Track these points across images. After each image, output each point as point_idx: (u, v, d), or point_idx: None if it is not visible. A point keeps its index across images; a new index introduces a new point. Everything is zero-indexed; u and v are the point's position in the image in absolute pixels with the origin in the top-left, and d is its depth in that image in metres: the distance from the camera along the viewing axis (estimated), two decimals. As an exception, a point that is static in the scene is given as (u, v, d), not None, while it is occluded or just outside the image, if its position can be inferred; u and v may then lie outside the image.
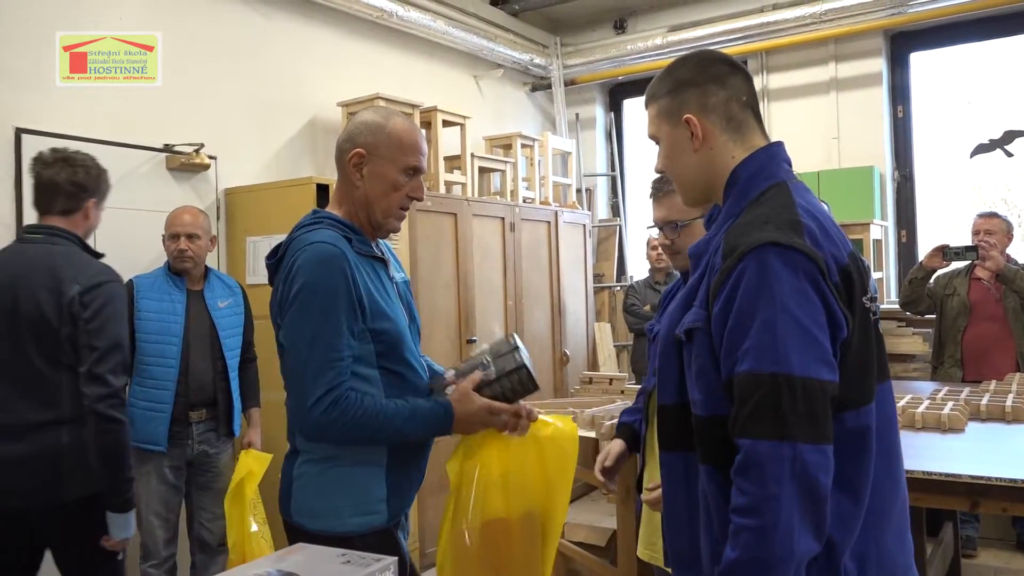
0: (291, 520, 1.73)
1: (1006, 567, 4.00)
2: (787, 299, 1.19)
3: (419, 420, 1.70)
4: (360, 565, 0.96)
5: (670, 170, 1.46)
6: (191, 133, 3.78)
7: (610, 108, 6.51)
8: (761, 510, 1.15)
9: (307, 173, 4.28)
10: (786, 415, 1.15)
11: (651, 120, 1.46)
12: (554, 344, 5.31)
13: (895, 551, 1.29)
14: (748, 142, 1.39)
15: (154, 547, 3.08)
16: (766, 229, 1.24)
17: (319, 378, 1.61)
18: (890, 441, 1.31)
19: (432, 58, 5.33)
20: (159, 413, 3.04)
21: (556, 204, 5.52)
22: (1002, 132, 5.05)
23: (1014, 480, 2.07)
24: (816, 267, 1.21)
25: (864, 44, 5.30)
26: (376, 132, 1.74)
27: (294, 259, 1.66)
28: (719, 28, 5.47)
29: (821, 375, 1.17)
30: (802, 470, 1.14)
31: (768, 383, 1.17)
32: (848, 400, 1.22)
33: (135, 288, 3.10)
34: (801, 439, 1.15)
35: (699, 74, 1.39)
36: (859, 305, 1.25)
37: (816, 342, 1.18)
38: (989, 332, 3.98)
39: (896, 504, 1.32)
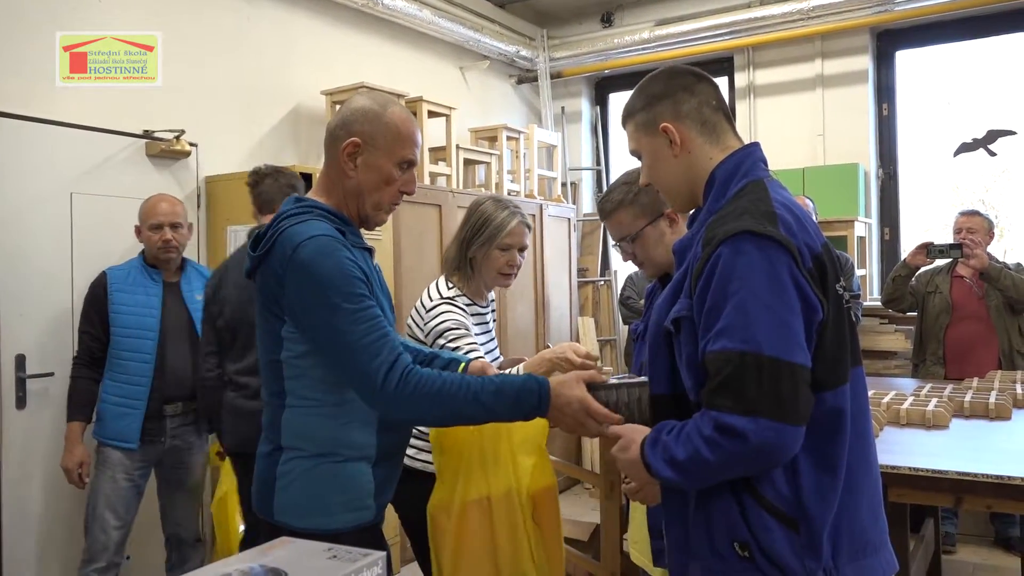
0: (273, 519, 1.66)
1: (984, 563, 4.03)
2: (759, 284, 1.27)
3: (509, 395, 1.56)
4: (347, 560, 0.93)
5: (655, 180, 1.54)
6: (172, 119, 3.72)
7: (596, 102, 6.49)
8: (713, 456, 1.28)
9: (290, 162, 4.22)
10: (750, 392, 1.24)
11: (630, 136, 1.55)
12: (538, 338, 5.29)
13: (868, 526, 1.37)
14: (723, 143, 1.48)
15: (103, 549, 2.94)
16: (743, 219, 1.32)
17: (377, 356, 1.52)
18: (862, 423, 1.39)
19: (418, 48, 5.28)
20: (132, 410, 2.96)
21: (541, 198, 5.50)
22: (985, 131, 5.08)
23: (999, 477, 2.08)
24: (790, 254, 1.29)
25: (850, 41, 5.31)
26: (373, 121, 1.65)
27: (293, 254, 1.55)
28: (706, 23, 5.45)
29: (791, 356, 1.25)
30: (761, 443, 1.23)
31: (737, 360, 1.25)
32: (826, 381, 1.31)
33: (108, 280, 3.01)
34: (764, 415, 1.23)
35: (669, 86, 1.50)
36: (832, 291, 1.34)
37: (786, 325, 1.26)
38: (971, 330, 4.00)
39: (868, 482, 1.39)
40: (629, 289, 5.14)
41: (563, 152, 6.10)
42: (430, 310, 2.32)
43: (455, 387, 1.55)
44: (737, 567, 1.32)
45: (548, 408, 1.57)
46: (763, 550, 1.30)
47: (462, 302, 2.34)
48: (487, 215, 2.36)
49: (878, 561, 1.38)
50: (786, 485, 1.30)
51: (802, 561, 1.29)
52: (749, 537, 1.31)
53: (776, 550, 1.29)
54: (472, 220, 2.38)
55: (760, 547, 1.30)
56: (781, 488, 1.30)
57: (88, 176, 3.43)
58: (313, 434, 1.63)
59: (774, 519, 1.30)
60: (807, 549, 1.29)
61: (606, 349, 6.00)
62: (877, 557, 1.38)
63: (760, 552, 1.30)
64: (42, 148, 3.30)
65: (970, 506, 2.22)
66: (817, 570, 1.29)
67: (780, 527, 1.30)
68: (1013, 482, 2.06)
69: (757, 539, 1.30)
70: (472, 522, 1.90)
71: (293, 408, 1.64)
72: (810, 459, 1.30)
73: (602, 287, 6.11)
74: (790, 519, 1.30)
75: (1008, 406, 2.82)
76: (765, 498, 1.30)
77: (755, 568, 1.31)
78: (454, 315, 2.28)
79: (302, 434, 1.64)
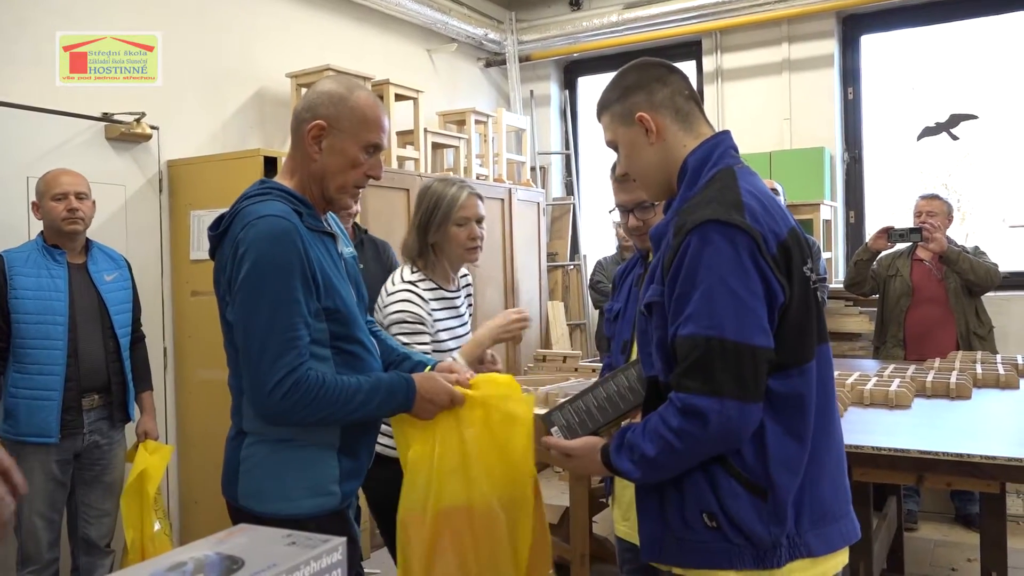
0: (236, 503, 1.65)
1: (945, 539, 4.11)
2: (725, 271, 1.34)
3: (381, 394, 1.63)
4: (306, 546, 0.92)
5: (632, 169, 1.59)
6: (132, 102, 3.64)
7: (565, 86, 6.47)
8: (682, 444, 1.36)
9: (254, 145, 4.16)
10: (716, 374, 1.32)
11: (606, 128, 1.61)
12: (507, 322, 5.27)
13: (829, 497, 1.45)
14: (696, 131, 1.54)
15: (36, 550, 2.80)
16: (710, 208, 1.38)
17: (278, 360, 1.52)
18: (827, 397, 1.47)
19: (385, 30, 5.22)
20: (48, 401, 2.76)
21: (510, 182, 5.48)
22: (948, 115, 5.14)
23: (959, 455, 2.11)
24: (754, 241, 1.35)
25: (817, 26, 5.34)
26: (339, 104, 1.64)
27: (242, 233, 1.55)
28: (674, 6, 5.45)
29: (753, 340, 1.33)
30: (726, 421, 1.32)
31: (703, 345, 1.33)
32: (791, 360, 1.39)
33: (6, 264, 2.78)
34: (728, 395, 1.32)
35: (642, 77, 1.55)
36: (798, 274, 1.40)
37: (750, 310, 1.34)
38: (931, 313, 4.06)
39: (831, 455, 1.47)
40: (599, 273, 5.15)
41: (532, 136, 6.08)
42: (390, 294, 2.32)
43: (336, 391, 1.58)
44: (705, 536, 1.40)
45: (414, 402, 1.67)
46: (730, 518, 1.38)
47: (424, 287, 2.33)
48: (438, 195, 2.37)
49: (838, 528, 1.45)
50: (754, 456, 1.38)
51: (767, 528, 1.37)
52: (717, 507, 1.39)
53: (743, 517, 1.37)
54: (424, 204, 2.38)
55: (727, 515, 1.38)
56: (749, 459, 1.38)
57: (45, 160, 3.34)
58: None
59: (742, 487, 1.38)
60: (772, 516, 1.37)
61: (575, 333, 6.02)
62: (837, 524, 1.45)
63: (727, 520, 1.38)
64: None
65: (931, 484, 2.26)
66: (781, 536, 1.37)
67: (748, 495, 1.37)
68: (972, 460, 2.09)
69: (725, 508, 1.38)
70: (449, 532, 1.73)
71: None
72: (777, 432, 1.38)
73: (571, 271, 6.12)
74: (758, 488, 1.37)
75: (968, 386, 2.87)
76: (734, 467, 1.38)
77: (722, 537, 1.39)
78: (410, 306, 2.28)
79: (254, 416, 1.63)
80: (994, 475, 2.11)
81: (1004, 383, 3.02)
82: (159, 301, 3.78)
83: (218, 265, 1.64)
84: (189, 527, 3.81)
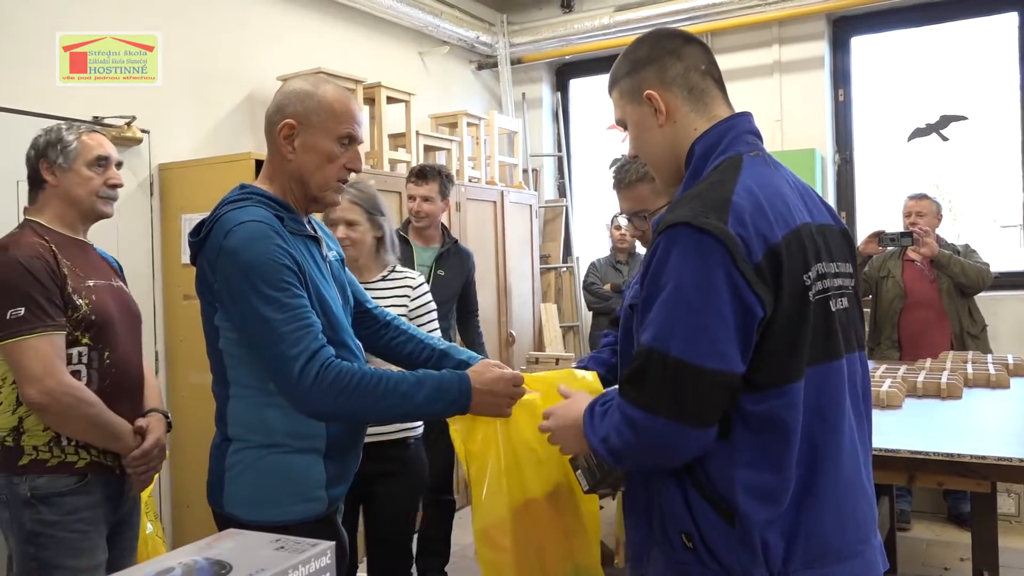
0: (223, 511, 1.64)
1: (937, 539, 4.12)
2: (686, 282, 1.22)
3: (428, 389, 1.54)
4: (295, 551, 0.92)
5: (641, 151, 1.45)
6: (122, 105, 3.63)
7: (557, 88, 6.47)
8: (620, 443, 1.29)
9: (246, 148, 4.14)
10: (650, 389, 1.23)
11: (615, 104, 1.46)
12: (500, 325, 5.28)
13: (832, 534, 1.29)
14: (710, 112, 1.38)
15: None
16: (689, 207, 1.25)
17: (297, 345, 1.48)
18: (833, 420, 1.30)
19: (376, 33, 5.21)
20: None
21: (502, 184, 5.48)
22: (938, 116, 5.16)
23: (949, 455, 2.12)
24: (727, 250, 1.20)
25: (807, 27, 5.36)
26: (305, 100, 1.63)
27: (224, 240, 1.53)
28: (666, 8, 5.46)
29: (701, 361, 1.20)
30: (655, 437, 1.24)
31: (645, 356, 1.24)
32: (768, 379, 1.24)
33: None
34: (661, 413, 1.22)
35: (654, 50, 1.40)
36: (791, 284, 1.25)
37: (704, 329, 1.20)
38: (925, 314, 4.08)
39: (838, 484, 1.30)
40: (592, 275, 5.16)
41: (524, 138, 6.08)
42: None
43: (375, 380, 1.53)
44: (684, 557, 1.31)
45: (470, 396, 1.57)
46: (704, 542, 1.28)
47: None
48: None
49: (844, 570, 1.30)
50: (720, 479, 1.27)
51: (737, 558, 1.26)
52: (693, 528, 1.30)
53: (715, 543, 1.27)
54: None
55: (702, 539, 1.29)
56: (716, 482, 1.27)
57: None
58: (259, 424, 1.61)
59: (714, 511, 1.28)
60: (742, 545, 1.25)
61: (569, 335, 6.02)
62: (843, 565, 1.30)
63: (702, 543, 1.29)
64: (-15, 135, 3.20)
65: (922, 483, 2.27)
66: (752, 568, 1.25)
67: (719, 520, 1.27)
68: (963, 459, 2.11)
69: (700, 530, 1.29)
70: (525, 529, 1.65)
71: (238, 398, 1.62)
72: (746, 456, 1.26)
73: (564, 273, 6.12)
74: (728, 513, 1.26)
75: (959, 386, 2.88)
76: (706, 489, 1.28)
77: (698, 560, 1.29)
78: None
79: (248, 424, 1.62)
80: (984, 474, 2.13)
81: (995, 383, 3.04)
82: (151, 305, 3.77)
83: (199, 271, 1.63)
84: (181, 530, 3.80)
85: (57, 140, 2.13)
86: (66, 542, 1.95)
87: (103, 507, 2.04)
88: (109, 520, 2.08)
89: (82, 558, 1.95)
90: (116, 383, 2.08)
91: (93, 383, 2.03)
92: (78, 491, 1.98)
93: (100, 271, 2.18)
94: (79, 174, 2.11)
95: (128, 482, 2.10)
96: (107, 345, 2.06)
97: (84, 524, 1.98)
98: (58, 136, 2.13)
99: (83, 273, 2.07)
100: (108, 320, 2.07)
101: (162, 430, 2.17)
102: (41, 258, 1.98)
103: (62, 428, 1.97)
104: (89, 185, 2.12)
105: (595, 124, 6.39)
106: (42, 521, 1.93)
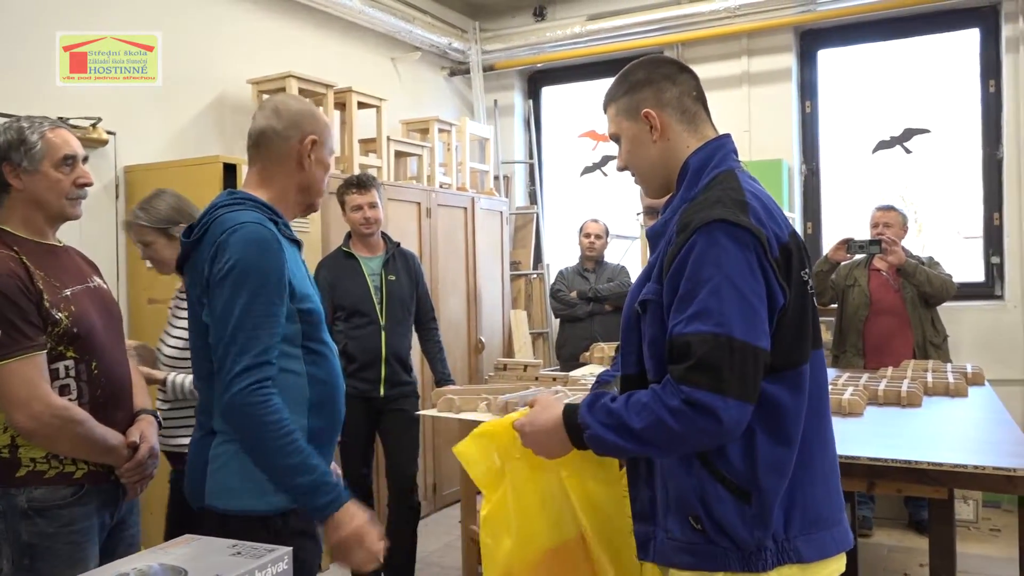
0: (204, 504, 1.67)
1: (899, 545, 4.18)
2: (732, 271, 1.33)
3: (311, 479, 1.59)
4: (251, 556, 0.91)
5: (632, 164, 1.59)
6: (88, 106, 3.58)
7: (529, 95, 6.50)
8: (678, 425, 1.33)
9: (214, 152, 4.11)
10: (723, 372, 1.30)
11: (611, 120, 1.60)
12: (470, 331, 5.28)
13: (822, 503, 1.43)
14: (700, 133, 1.55)
15: None
16: (717, 208, 1.38)
17: (244, 353, 1.57)
18: (821, 402, 1.47)
19: (348, 38, 5.20)
20: None
21: (473, 190, 5.48)
22: (902, 129, 5.26)
23: (907, 462, 2.15)
24: (759, 243, 1.35)
25: (775, 40, 5.44)
26: (317, 118, 1.81)
27: (223, 237, 1.62)
28: (637, 19, 5.52)
29: (757, 341, 1.33)
30: (730, 420, 1.31)
31: (712, 342, 1.31)
32: (785, 362, 1.38)
33: None
34: (732, 395, 1.30)
35: (652, 73, 1.55)
36: (797, 278, 1.41)
37: (755, 312, 1.34)
38: (889, 323, 4.14)
39: (825, 461, 1.46)
40: (560, 283, 5.17)
41: (495, 145, 6.10)
42: None
43: (280, 432, 1.58)
44: (693, 538, 1.40)
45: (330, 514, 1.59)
46: (715, 521, 1.37)
47: None
48: None
49: (830, 535, 1.44)
50: (741, 459, 1.37)
51: (751, 531, 1.36)
52: (701, 510, 1.39)
53: (727, 521, 1.37)
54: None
55: (712, 519, 1.38)
56: (735, 462, 1.37)
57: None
58: None
59: (727, 491, 1.37)
60: (757, 519, 1.36)
61: (538, 341, 6.03)
62: (830, 532, 1.44)
63: (712, 523, 1.38)
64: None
65: (882, 490, 2.30)
66: (765, 539, 1.37)
67: (732, 498, 1.37)
68: (920, 467, 2.14)
69: (710, 510, 1.38)
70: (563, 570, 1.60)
71: None
72: (766, 433, 1.37)
73: (535, 280, 6.14)
74: (743, 491, 1.37)
75: (919, 394, 2.93)
76: (719, 471, 1.38)
77: (707, 540, 1.39)
78: None
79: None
80: (941, 481, 2.16)
81: (954, 391, 3.09)
82: (115, 309, 3.72)
83: (193, 271, 1.69)
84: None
85: (19, 141, 1.96)
86: (62, 554, 1.89)
87: (98, 515, 1.98)
88: (106, 526, 2.03)
89: (76, 568, 1.88)
90: (107, 391, 2.00)
91: (84, 395, 1.95)
92: (75, 502, 1.92)
93: (75, 275, 2.06)
94: (47, 177, 1.97)
95: (123, 488, 2.04)
96: (93, 355, 1.97)
97: (79, 535, 1.92)
98: (19, 136, 1.96)
99: (59, 283, 1.96)
100: (91, 329, 1.97)
101: (154, 435, 2.10)
102: (13, 275, 1.86)
103: (53, 449, 1.90)
104: (58, 188, 1.98)
105: (566, 132, 6.42)
106: (39, 533, 1.87)
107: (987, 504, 4.56)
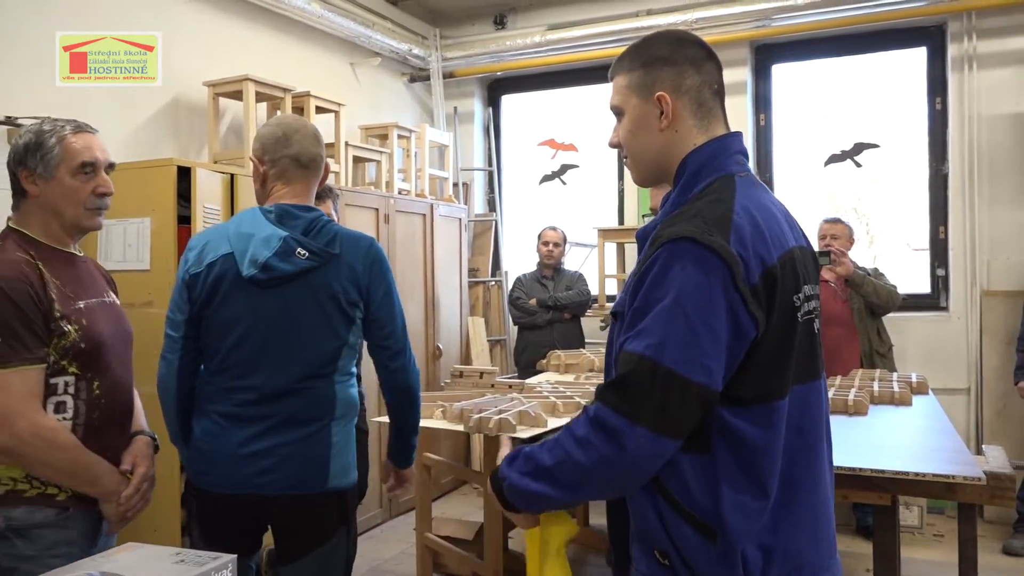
0: (325, 488, 1.91)
1: (847, 551, 4.26)
2: (685, 295, 1.21)
3: None
4: (195, 563, 0.90)
5: (630, 145, 1.43)
6: (36, 106, 3.50)
7: (488, 103, 6.52)
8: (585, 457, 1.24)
9: (169, 154, 4.05)
10: (639, 397, 1.21)
11: (618, 90, 1.42)
12: (427, 338, 5.27)
13: (806, 548, 1.31)
14: (711, 131, 1.39)
15: None
16: (692, 222, 1.25)
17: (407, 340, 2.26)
18: (813, 439, 1.34)
19: (306, 42, 5.16)
20: None
21: (432, 197, 5.48)
22: (853, 144, 5.39)
23: (852, 468, 2.20)
24: (728, 269, 1.22)
25: (731, 54, 5.51)
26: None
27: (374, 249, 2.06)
28: (597, 29, 5.57)
29: (689, 373, 1.20)
30: (635, 448, 1.20)
31: (636, 363, 1.22)
32: (753, 394, 1.25)
33: None
34: (643, 423, 1.20)
35: (676, 53, 1.38)
36: (783, 304, 1.27)
37: (698, 341, 1.21)
38: (837, 333, 4.22)
39: (815, 502, 1.34)
40: (518, 290, 5.19)
41: (455, 152, 6.10)
42: None
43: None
44: (659, 573, 1.31)
45: None
46: (683, 559, 1.28)
47: None
48: None
49: None
50: (704, 495, 1.26)
51: (716, 572, 1.26)
52: (669, 545, 1.29)
53: (694, 559, 1.27)
54: None
55: (680, 555, 1.28)
56: (699, 497, 1.26)
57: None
58: (352, 403, 2.00)
59: (691, 528, 1.27)
60: (722, 559, 1.25)
61: (496, 349, 6.04)
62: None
63: (679, 559, 1.28)
64: None
65: (828, 497, 2.35)
66: None
67: (697, 536, 1.26)
68: (864, 473, 2.19)
69: (677, 547, 1.28)
70: None
71: (343, 383, 2.00)
72: (730, 472, 1.26)
73: (492, 287, 6.15)
74: (708, 529, 1.26)
75: (865, 403, 3.00)
76: (682, 505, 1.27)
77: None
78: None
79: (348, 404, 1.99)
80: (885, 488, 2.21)
81: (898, 400, 3.17)
82: (63, 312, 3.64)
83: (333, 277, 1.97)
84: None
85: (37, 145, 1.86)
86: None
87: (80, 544, 1.84)
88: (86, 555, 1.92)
89: None
90: (105, 414, 1.89)
91: (80, 415, 1.84)
92: (57, 525, 1.80)
93: (91, 288, 1.95)
94: (62, 184, 1.86)
95: (105, 522, 1.91)
96: (96, 373, 1.86)
97: (59, 560, 1.72)
98: (37, 140, 1.86)
99: (73, 293, 1.85)
100: (99, 345, 1.87)
101: (150, 461, 1.98)
102: (25, 280, 1.76)
103: (32, 471, 1.78)
104: (74, 196, 1.87)
105: (526, 140, 6.45)
106: (17, 556, 1.75)
107: (931, 510, 4.67)
